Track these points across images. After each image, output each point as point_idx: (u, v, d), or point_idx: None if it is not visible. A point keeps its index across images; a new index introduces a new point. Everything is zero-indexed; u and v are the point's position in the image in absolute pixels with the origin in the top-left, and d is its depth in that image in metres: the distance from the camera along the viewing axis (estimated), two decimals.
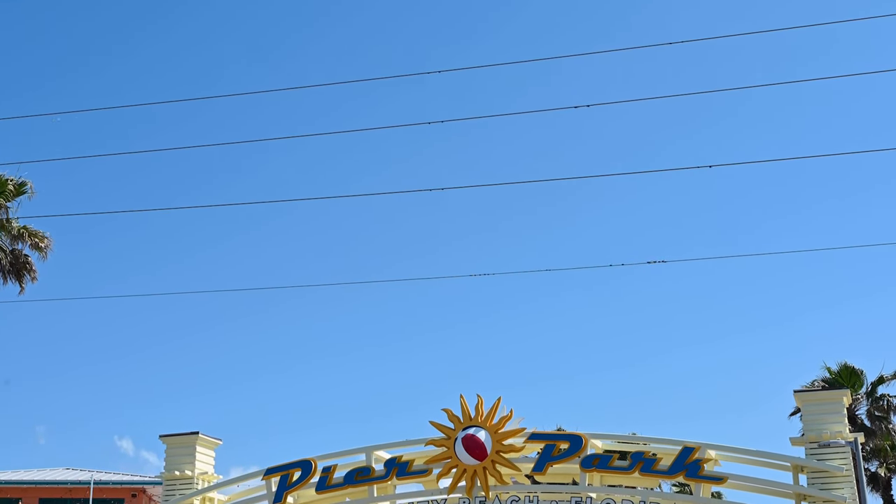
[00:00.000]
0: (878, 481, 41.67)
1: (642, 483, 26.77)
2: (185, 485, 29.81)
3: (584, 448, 26.42)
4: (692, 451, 25.69)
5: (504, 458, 26.72)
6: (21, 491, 47.20)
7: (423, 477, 27.88)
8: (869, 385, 40.88)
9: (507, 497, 26.83)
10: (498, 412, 26.97)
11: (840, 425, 25.66)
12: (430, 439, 27.40)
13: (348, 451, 28.94)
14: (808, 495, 25.31)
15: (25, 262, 34.00)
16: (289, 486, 28.56)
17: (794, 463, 25.72)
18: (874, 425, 40.29)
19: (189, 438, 30.25)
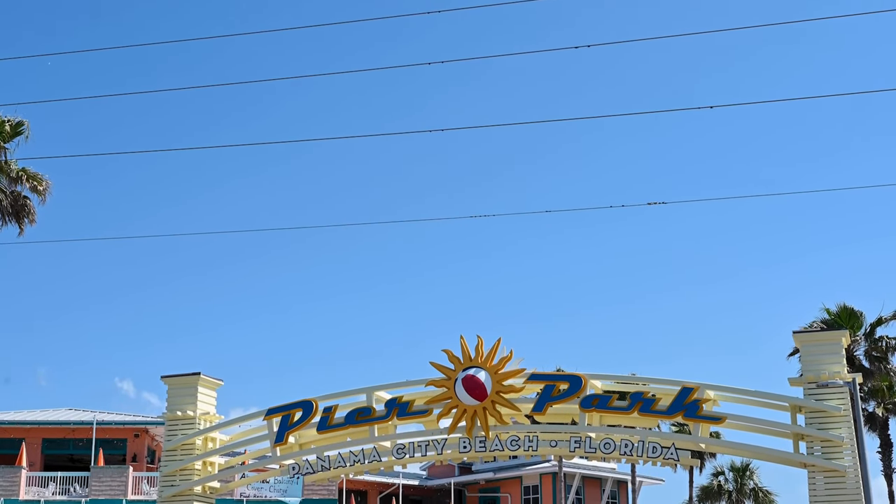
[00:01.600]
0: (876, 421, 41.92)
1: (641, 423, 26.91)
2: (186, 425, 29.97)
3: (583, 388, 26.53)
4: (691, 391, 25.80)
5: (504, 399, 26.84)
6: (24, 431, 47.53)
7: (424, 417, 28.03)
8: (868, 326, 40.99)
9: (507, 437, 26.98)
10: (498, 353, 27.04)
11: (838, 366, 25.73)
12: (430, 380, 27.50)
13: (349, 392, 29.07)
14: (806, 435, 25.45)
15: (24, 204, 33.93)
16: (290, 426, 28.72)
17: (792, 403, 25.83)
18: (872, 366, 40.46)
19: (191, 379, 30.36)
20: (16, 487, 42.58)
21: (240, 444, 30.60)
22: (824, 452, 25.12)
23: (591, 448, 26.38)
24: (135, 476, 43.98)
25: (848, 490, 24.83)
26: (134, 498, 42.84)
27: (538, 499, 58.37)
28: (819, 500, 25.03)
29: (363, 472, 33.97)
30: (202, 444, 29.90)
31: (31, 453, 46.23)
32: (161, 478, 30.12)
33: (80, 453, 47.79)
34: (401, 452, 27.95)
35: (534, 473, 58.61)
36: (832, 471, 24.95)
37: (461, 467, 60.92)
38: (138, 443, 48.28)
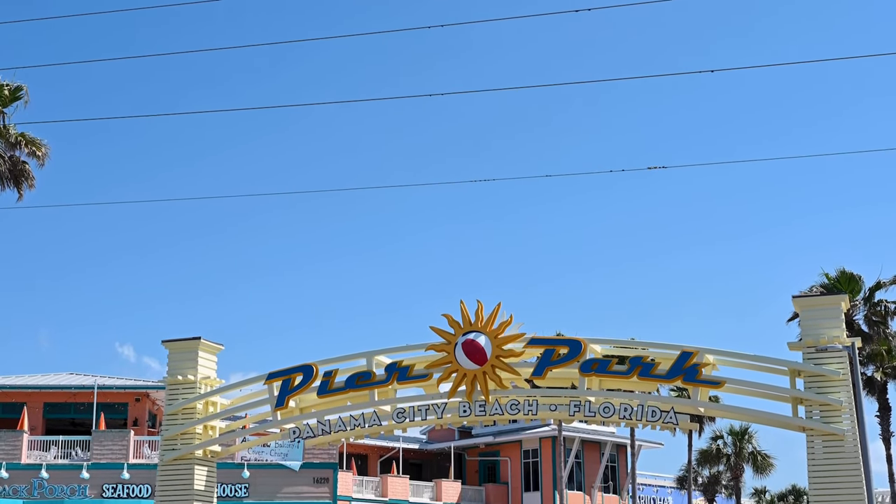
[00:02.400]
0: (874, 385, 42.03)
1: (640, 387, 26.98)
2: (187, 389, 30.07)
3: (583, 353, 26.59)
4: (690, 355, 25.85)
5: (504, 363, 26.90)
6: (26, 395, 47.68)
7: (424, 381, 28.12)
8: (867, 291, 41.00)
9: (507, 401, 27.06)
10: (498, 317, 27.08)
11: (837, 330, 25.77)
12: (430, 344, 27.55)
13: (349, 356, 29.15)
14: (805, 399, 25.52)
15: (23, 169, 33.83)
16: (290, 390, 28.81)
17: (791, 367, 25.89)
18: (871, 330, 40.51)
19: (191, 343, 30.43)
20: (17, 451, 42.77)
21: (240, 409, 30.71)
22: (823, 416, 25.20)
23: (591, 412, 26.47)
24: (136, 440, 44.17)
25: (846, 454, 24.93)
26: (135, 461, 43.05)
27: (538, 462, 58.67)
28: (817, 463, 25.14)
29: (363, 436, 34.12)
30: (203, 409, 30.01)
31: (33, 417, 46.40)
32: (162, 442, 30.25)
33: (82, 417, 47.98)
34: (401, 416, 28.05)
35: (533, 437, 58.88)
36: (831, 435, 25.04)
37: (461, 431, 61.20)
38: (139, 407, 48.46)
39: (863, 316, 40.91)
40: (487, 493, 58.48)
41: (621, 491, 61.28)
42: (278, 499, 43.62)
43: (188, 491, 29.50)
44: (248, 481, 43.06)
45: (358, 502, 49.27)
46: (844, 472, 24.89)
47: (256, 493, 43.32)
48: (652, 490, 66.87)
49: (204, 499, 29.86)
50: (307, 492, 44.23)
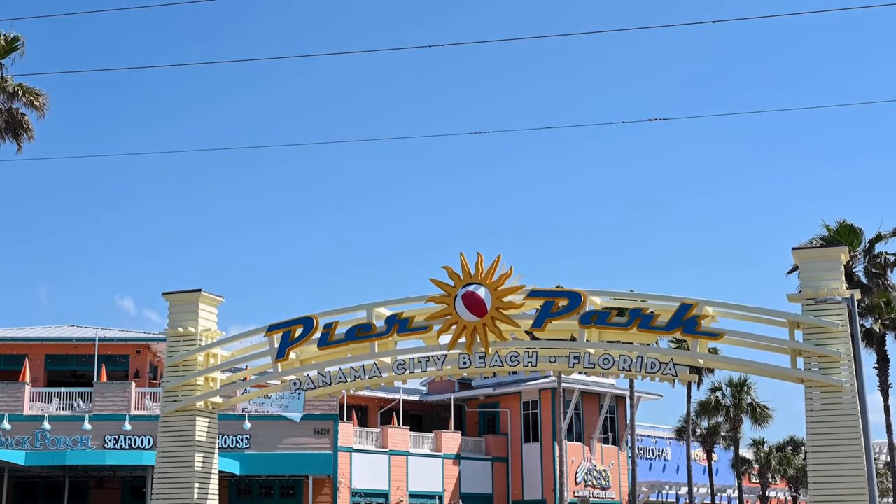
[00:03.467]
0: (873, 337, 42.10)
1: (640, 339, 27.05)
2: (188, 341, 30.15)
3: (582, 305, 26.63)
4: (690, 307, 25.89)
5: (503, 315, 26.95)
6: (27, 348, 47.79)
7: (424, 333, 28.18)
8: (867, 243, 40.94)
9: (507, 353, 27.14)
10: (497, 269, 27.10)
11: (837, 282, 25.80)
12: (430, 296, 27.59)
13: (349, 308, 29.21)
14: (804, 350, 25.60)
15: (22, 120, 33.67)
16: (291, 342, 28.88)
17: (790, 319, 25.95)
18: (871, 282, 40.52)
19: (191, 296, 30.48)
20: (20, 403, 42.96)
21: (241, 361, 30.81)
22: (822, 368, 25.29)
23: (590, 364, 26.57)
24: (137, 392, 44.35)
25: (844, 405, 25.05)
26: (137, 413, 43.25)
27: (537, 414, 58.95)
28: (815, 414, 25.26)
29: (364, 388, 34.24)
30: (204, 360, 30.12)
31: (34, 369, 46.55)
32: (163, 393, 30.38)
33: (83, 369, 48.14)
34: (401, 368, 28.15)
35: (533, 389, 59.12)
36: (829, 386, 25.14)
37: (461, 383, 61.44)
38: (140, 359, 48.60)
39: (862, 268, 40.90)
40: (487, 445, 58.83)
41: (620, 442, 61.65)
42: (279, 450, 43.87)
43: (190, 442, 29.67)
44: (248, 433, 43.27)
45: (358, 453, 49.57)
46: (842, 424, 25.02)
47: (257, 445, 43.55)
48: (651, 441, 67.26)
49: (205, 450, 30.04)
50: (308, 443, 44.47)
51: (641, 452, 63.78)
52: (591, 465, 59.55)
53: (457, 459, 55.81)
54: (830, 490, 24.99)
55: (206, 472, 29.97)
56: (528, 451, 58.78)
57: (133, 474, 42.03)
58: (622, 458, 61.37)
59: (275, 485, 46.02)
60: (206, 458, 30.00)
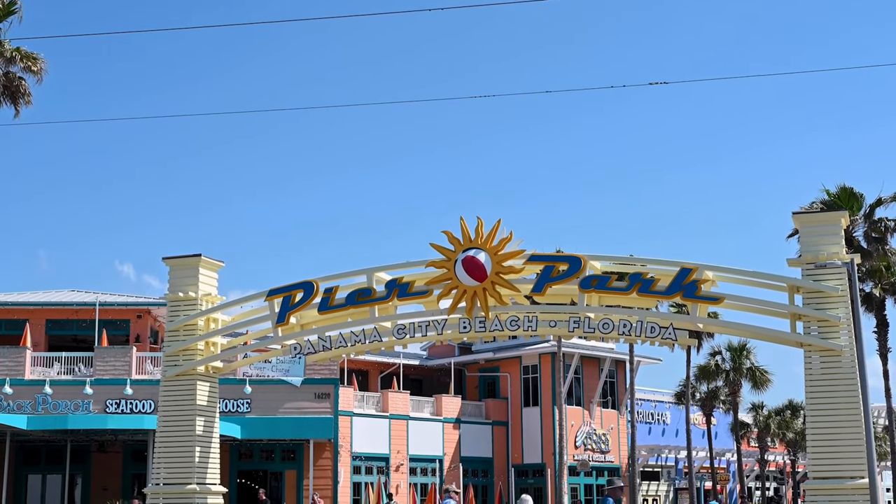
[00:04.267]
0: (873, 302, 42.12)
1: (640, 303, 27.07)
2: (188, 306, 30.19)
3: (582, 269, 26.63)
4: (690, 271, 25.90)
5: (503, 280, 26.96)
6: (28, 312, 47.85)
7: (424, 298, 28.21)
8: (867, 207, 40.87)
9: (507, 317, 27.18)
10: (497, 234, 27.08)
11: (837, 247, 25.78)
12: (430, 261, 27.59)
13: (350, 273, 29.24)
14: (804, 315, 25.62)
15: (19, 84, 33.50)
16: (291, 306, 28.92)
17: (790, 284, 25.96)
18: (871, 247, 40.48)
19: (192, 260, 30.49)
20: (21, 368, 43.05)
21: (241, 325, 30.86)
22: (821, 332, 25.33)
23: (590, 328, 26.61)
24: (138, 356, 44.44)
25: (843, 369, 25.10)
26: (138, 377, 43.37)
27: (537, 378, 59.13)
28: (814, 379, 25.32)
29: (364, 352, 34.28)
30: (204, 325, 30.17)
31: (35, 334, 46.63)
32: (164, 358, 30.46)
33: (84, 334, 48.22)
34: (401, 333, 28.20)
35: (533, 353, 59.26)
36: (828, 350, 25.19)
37: (461, 347, 61.58)
38: (141, 324, 48.67)
39: (862, 232, 40.85)
40: (487, 409, 59.05)
41: (620, 406, 61.88)
42: (280, 414, 44.03)
43: (191, 406, 29.78)
44: (249, 397, 43.41)
45: (359, 417, 49.76)
46: (841, 388, 25.08)
47: (258, 409, 43.71)
48: (650, 405, 67.52)
49: (206, 414, 30.16)
50: (309, 407, 44.63)
51: (641, 416, 64.02)
52: (591, 429, 59.79)
53: (457, 423, 56.04)
54: (829, 454, 25.08)
55: (207, 435, 30.10)
56: (528, 416, 59.02)
57: (134, 438, 42.19)
58: (622, 422, 61.62)
59: (276, 448, 46.24)
60: (207, 422, 30.12)
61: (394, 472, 51.37)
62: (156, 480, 30.15)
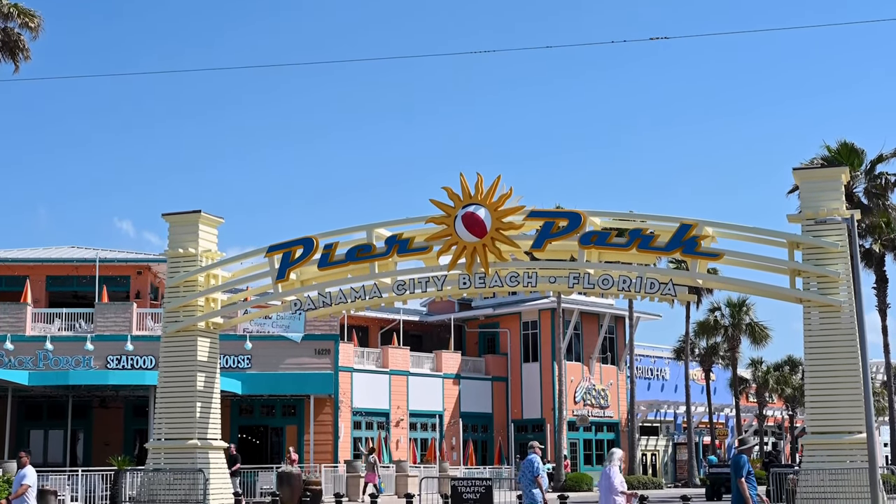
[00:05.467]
0: (872, 257, 42.19)
1: (639, 259, 27.06)
2: (188, 262, 30.19)
3: (582, 225, 26.60)
4: (689, 227, 25.86)
5: (503, 236, 26.94)
6: (28, 269, 47.85)
7: (424, 254, 28.21)
8: (868, 163, 40.83)
9: (507, 273, 27.18)
10: (497, 190, 27.03)
11: (837, 202, 25.73)
12: (430, 217, 27.55)
13: (349, 229, 29.22)
14: (803, 271, 25.62)
15: (17, 40, 33.39)
16: (291, 262, 28.92)
17: (790, 239, 25.93)
18: (871, 203, 40.47)
19: (191, 217, 30.46)
20: (22, 324, 43.12)
21: (241, 281, 30.89)
22: (820, 288, 25.34)
23: (590, 284, 26.62)
24: (139, 312, 44.50)
25: (842, 325, 25.14)
26: (138, 333, 43.46)
27: (537, 334, 59.29)
28: (813, 334, 25.36)
29: (364, 308, 34.38)
30: (204, 281, 30.20)
31: (36, 290, 46.65)
32: (165, 314, 30.51)
33: (84, 290, 48.24)
34: (401, 288, 28.22)
35: (532, 309, 59.38)
36: (827, 306, 25.21)
37: (461, 303, 61.70)
38: (141, 280, 48.69)
39: (863, 188, 40.82)
40: (487, 364, 59.25)
41: (619, 362, 62.08)
42: (281, 370, 44.17)
43: (191, 362, 29.87)
44: (250, 353, 43.53)
45: (359, 373, 49.94)
46: (840, 343, 25.14)
47: (259, 365, 43.85)
48: (649, 361, 67.74)
49: (207, 369, 30.26)
50: (309, 363, 44.77)
51: (640, 372, 64.27)
52: (590, 384, 60.04)
53: (457, 379, 56.26)
54: (827, 409, 25.18)
55: (208, 391, 30.22)
56: (528, 371, 59.25)
57: (136, 394, 42.36)
58: (621, 378, 61.87)
59: (276, 404, 46.45)
60: (207, 378, 30.23)
61: (394, 428, 51.64)
62: (157, 436, 30.30)
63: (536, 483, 19.35)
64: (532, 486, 19.37)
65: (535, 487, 19.35)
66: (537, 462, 19.60)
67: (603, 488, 17.84)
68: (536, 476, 19.37)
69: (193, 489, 29.20)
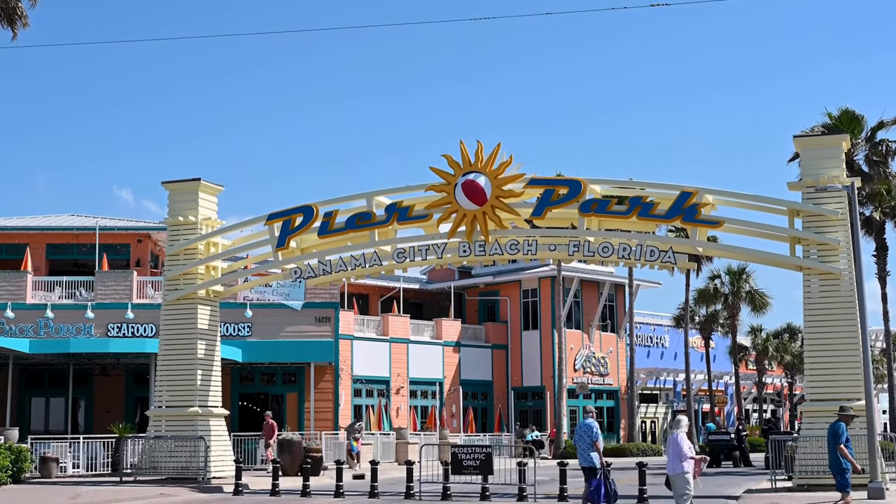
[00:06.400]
0: (873, 225, 42.11)
1: (640, 227, 27.07)
2: (188, 230, 30.20)
3: (582, 193, 26.59)
4: (690, 195, 25.85)
5: (503, 203, 26.93)
6: (28, 237, 47.79)
7: (424, 222, 28.22)
8: (869, 130, 40.67)
9: (507, 241, 27.18)
10: (497, 158, 27.00)
11: (838, 170, 25.71)
12: (430, 185, 27.54)
13: (349, 197, 29.23)
14: (803, 238, 25.63)
15: (16, 7, 33.22)
16: (291, 230, 28.94)
17: (790, 207, 25.93)
18: (872, 170, 40.34)
19: (191, 185, 30.46)
20: (22, 292, 43.12)
21: (241, 249, 30.91)
22: (820, 256, 25.36)
23: (590, 252, 26.64)
24: (139, 280, 44.48)
25: (842, 292, 25.18)
26: (139, 301, 43.47)
27: (537, 302, 59.33)
28: (813, 302, 25.41)
29: (364, 276, 34.42)
30: (204, 249, 30.22)
31: (36, 258, 46.60)
32: (165, 282, 30.55)
33: (84, 258, 48.18)
34: (401, 256, 28.24)
35: (532, 277, 59.40)
36: (827, 273, 25.24)
37: (461, 271, 61.71)
38: (141, 248, 48.63)
39: (863, 156, 40.69)
40: (487, 332, 59.33)
41: (619, 329, 62.17)
42: (281, 338, 44.22)
43: (192, 330, 29.95)
44: (250, 321, 43.57)
45: (359, 341, 50.01)
46: (839, 311, 25.19)
47: (259, 333, 43.89)
48: (649, 328, 67.83)
49: (207, 337, 30.34)
50: (309, 331, 44.80)
51: (640, 340, 64.36)
52: (590, 352, 60.15)
53: (457, 347, 56.36)
54: (826, 376, 25.27)
55: (208, 359, 30.30)
56: (528, 339, 59.34)
57: (136, 362, 42.42)
58: (620, 346, 61.97)
59: (277, 372, 46.54)
60: (208, 346, 30.31)
61: (394, 395, 51.77)
62: (158, 403, 30.41)
63: (595, 447, 19.78)
64: (591, 450, 19.79)
65: (593, 451, 19.77)
66: (596, 427, 20.03)
67: (672, 454, 18.25)
68: (595, 441, 19.81)
69: (194, 456, 29.34)
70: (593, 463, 19.83)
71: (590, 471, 19.92)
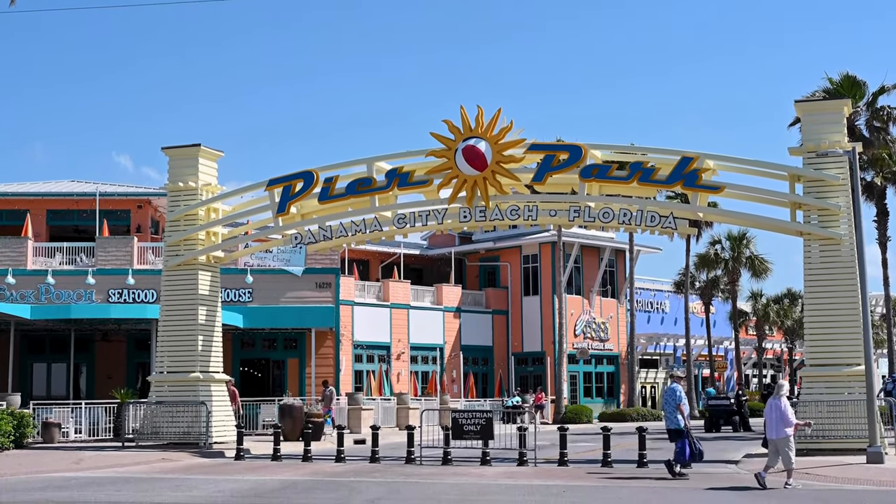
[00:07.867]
0: (874, 190, 42.10)
1: (640, 192, 27.03)
2: (189, 196, 30.17)
3: (583, 158, 26.54)
4: (690, 160, 25.80)
5: (504, 169, 26.89)
6: (28, 203, 47.79)
7: (424, 187, 28.19)
8: (870, 96, 40.57)
9: (507, 206, 27.16)
10: (498, 123, 26.94)
11: (839, 135, 25.64)
12: (430, 150, 27.49)
13: (350, 162, 29.18)
14: (804, 204, 25.60)
15: None
16: (291, 196, 28.91)
17: (791, 172, 25.89)
18: (873, 136, 40.29)
19: (191, 150, 30.41)
20: (23, 258, 43.16)
21: (242, 215, 30.89)
22: (821, 221, 25.35)
23: (590, 217, 26.62)
24: (140, 246, 44.50)
25: (842, 258, 25.18)
26: (139, 267, 43.51)
27: (537, 268, 59.38)
28: (813, 267, 25.42)
29: (364, 242, 34.41)
30: (205, 215, 30.21)
31: (36, 224, 46.61)
32: (165, 248, 30.56)
33: (85, 224, 48.20)
34: (401, 222, 28.23)
35: (533, 243, 59.41)
36: (828, 239, 25.23)
37: (461, 237, 61.72)
38: (141, 214, 48.63)
39: (864, 121, 40.62)
40: (487, 298, 59.41)
41: (619, 295, 62.25)
42: (282, 303, 44.30)
43: (193, 295, 29.99)
44: (251, 286, 43.64)
45: (360, 306, 50.10)
46: (840, 276, 25.19)
47: (260, 298, 43.96)
48: (649, 294, 67.92)
49: (208, 303, 30.38)
50: (310, 296, 44.88)
51: (640, 305, 64.47)
52: (591, 317, 60.25)
53: (457, 312, 56.46)
54: (826, 341, 25.32)
55: (209, 324, 30.36)
56: (528, 305, 59.43)
57: (137, 327, 42.51)
58: (621, 311, 62.07)
59: (278, 337, 46.65)
60: (209, 311, 30.35)
61: (395, 361, 51.92)
62: (159, 369, 30.50)
63: (679, 410, 20.55)
64: (675, 413, 20.59)
65: (678, 413, 20.56)
66: (680, 391, 20.73)
67: (773, 419, 18.92)
68: (679, 404, 20.56)
69: (196, 421, 29.46)
70: (679, 425, 20.64)
71: (675, 433, 20.72)
